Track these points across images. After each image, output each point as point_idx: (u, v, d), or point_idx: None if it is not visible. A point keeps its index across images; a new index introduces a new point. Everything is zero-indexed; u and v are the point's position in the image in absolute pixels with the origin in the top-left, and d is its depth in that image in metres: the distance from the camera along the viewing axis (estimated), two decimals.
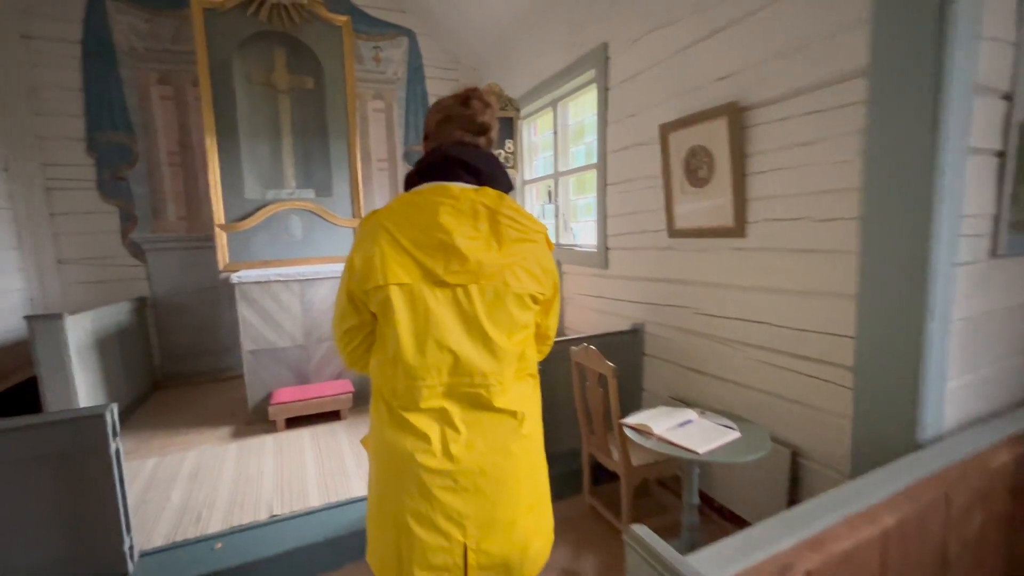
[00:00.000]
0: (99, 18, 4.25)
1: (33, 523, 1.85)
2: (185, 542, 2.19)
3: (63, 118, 4.24)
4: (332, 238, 4.44)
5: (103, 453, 1.92)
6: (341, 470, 2.88)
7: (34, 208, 4.16)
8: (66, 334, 2.98)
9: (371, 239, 1.02)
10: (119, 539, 1.96)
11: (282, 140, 4.44)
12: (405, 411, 1.02)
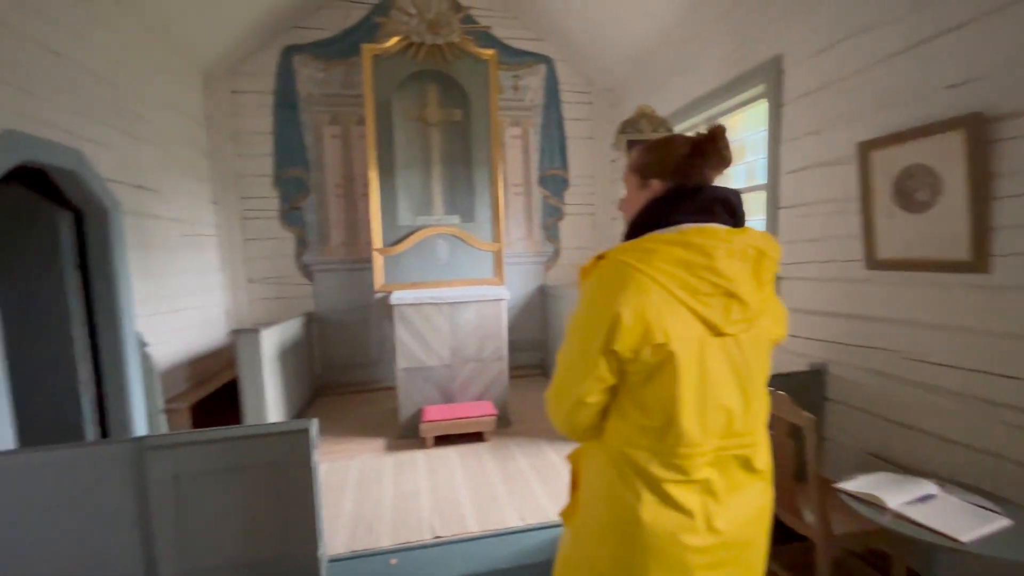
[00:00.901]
0: (287, 72, 4.92)
1: (244, 524, 2.08)
2: (364, 553, 2.33)
3: (257, 158, 4.94)
4: (474, 261, 4.61)
5: (305, 464, 2.11)
6: (492, 495, 2.90)
7: (233, 235, 4.89)
8: (261, 346, 3.41)
9: (635, 289, 0.88)
10: (314, 545, 2.13)
11: (432, 170, 4.74)
12: (670, 485, 0.91)
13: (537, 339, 5.64)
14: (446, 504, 2.83)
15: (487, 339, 3.99)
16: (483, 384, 4.01)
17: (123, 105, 3.32)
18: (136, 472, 1.97)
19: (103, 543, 1.98)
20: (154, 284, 3.57)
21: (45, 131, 2.58)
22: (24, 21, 2.47)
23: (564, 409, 0.99)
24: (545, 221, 5.66)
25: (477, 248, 4.62)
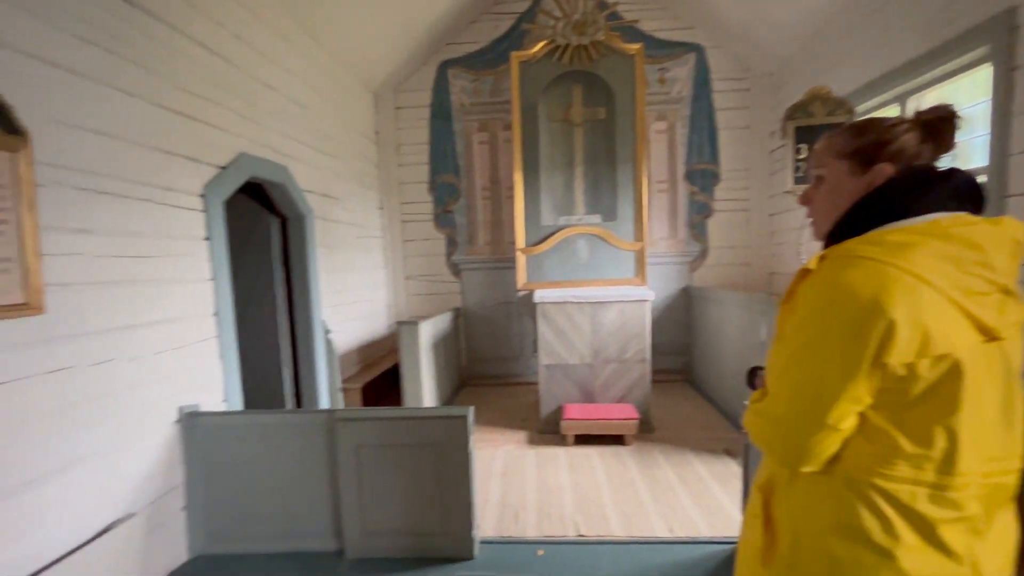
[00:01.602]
0: (442, 85, 5.34)
1: (409, 496, 2.29)
2: (512, 540, 2.42)
3: (415, 167, 5.44)
4: (615, 261, 4.53)
5: (463, 448, 2.26)
6: (636, 501, 2.82)
7: (395, 237, 5.45)
8: (420, 337, 3.75)
9: (902, 291, 0.73)
10: (469, 526, 2.27)
11: (574, 170, 4.77)
12: (942, 524, 0.76)
13: (680, 343, 5.35)
14: (589, 503, 2.81)
15: (630, 340, 3.89)
16: (625, 386, 3.92)
17: (315, 126, 3.90)
18: (329, 439, 2.30)
19: (302, 494, 2.34)
20: (335, 279, 4.14)
21: (263, 152, 3.14)
22: (251, 62, 3.03)
23: (801, 437, 0.81)
24: (691, 219, 5.34)
25: (618, 248, 4.53)
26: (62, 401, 1.79)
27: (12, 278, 1.63)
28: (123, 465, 2.02)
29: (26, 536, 1.65)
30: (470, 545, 2.27)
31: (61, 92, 1.83)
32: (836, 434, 0.80)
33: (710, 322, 4.63)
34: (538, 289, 4.38)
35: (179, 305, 2.37)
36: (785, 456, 0.85)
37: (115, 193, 2.06)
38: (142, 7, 2.20)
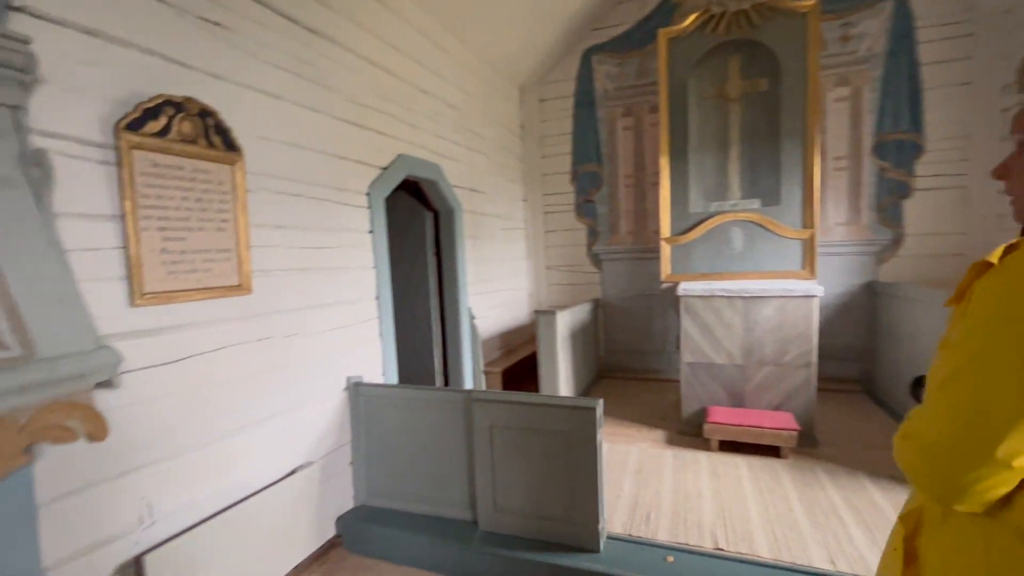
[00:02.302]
0: (586, 73, 5.27)
1: (537, 480, 2.34)
2: (641, 540, 2.34)
3: (557, 157, 5.49)
4: (777, 251, 4.02)
5: (591, 440, 2.24)
6: (791, 523, 2.49)
7: (537, 228, 5.58)
8: (557, 326, 3.79)
9: None
10: (595, 518, 2.25)
11: (728, 150, 4.33)
12: None
13: (859, 347, 4.55)
14: (732, 516, 2.58)
15: (791, 341, 3.43)
16: (782, 392, 3.48)
17: (465, 125, 4.16)
18: (466, 417, 2.46)
19: (443, 465, 2.54)
20: (481, 268, 4.39)
21: (419, 152, 3.45)
22: (409, 70, 3.34)
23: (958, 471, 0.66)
24: (880, 200, 4.48)
25: (781, 236, 4.00)
26: (263, 365, 2.21)
27: (231, 265, 2.05)
28: (305, 421, 2.43)
29: (237, 469, 2.09)
30: (596, 538, 2.24)
31: (263, 113, 2.24)
32: (1008, 473, 0.62)
33: (901, 324, 3.85)
34: (683, 281, 4.11)
35: (348, 289, 2.75)
36: (934, 490, 0.69)
37: (301, 194, 2.46)
38: (321, 33, 2.57)
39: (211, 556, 1.89)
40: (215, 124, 1.96)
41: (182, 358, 1.87)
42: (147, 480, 1.74)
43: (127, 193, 1.68)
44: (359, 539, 2.54)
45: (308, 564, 2.39)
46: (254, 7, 2.19)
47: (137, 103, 1.71)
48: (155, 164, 1.77)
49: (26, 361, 1.29)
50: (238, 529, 2.01)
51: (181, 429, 1.86)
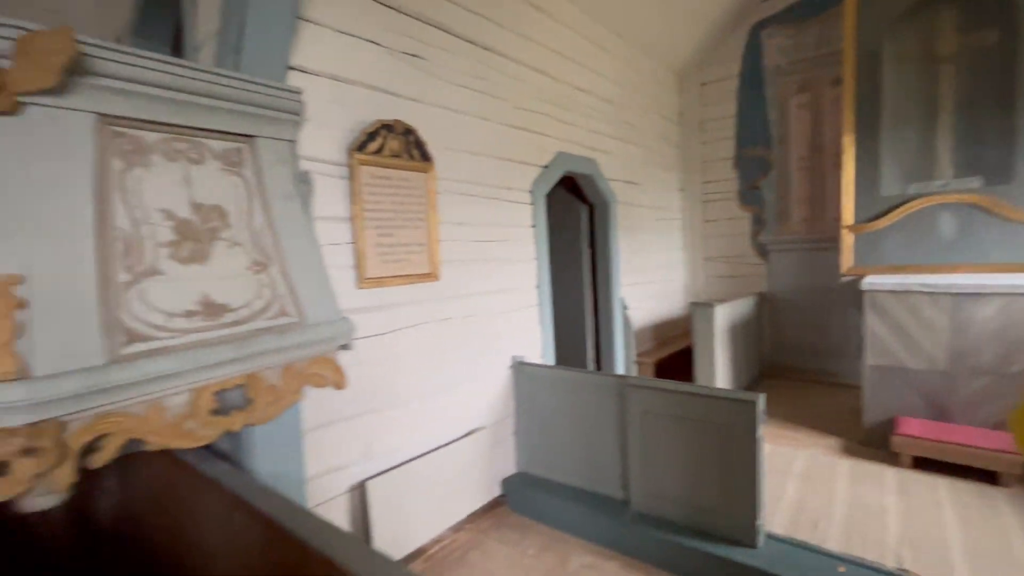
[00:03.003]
0: (754, 49, 4.89)
1: (690, 468, 2.36)
2: (806, 544, 2.22)
3: (719, 143, 5.21)
4: (1005, 239, 3.32)
5: (750, 434, 2.20)
6: (1009, 560, 2.13)
7: (694, 217, 5.38)
8: (714, 319, 3.68)
9: None
10: (753, 513, 2.21)
11: (936, 121, 3.68)
12: None
13: None
14: (925, 540, 2.28)
15: (1020, 349, 2.84)
16: (1005, 409, 2.90)
17: (621, 118, 4.22)
18: (620, 402, 2.59)
19: (596, 443, 2.71)
20: (634, 259, 4.43)
21: (576, 149, 3.63)
22: (567, 72, 3.53)
23: None
24: None
25: (1014, 221, 3.29)
26: (447, 341, 2.62)
27: (424, 256, 2.47)
28: (477, 391, 2.81)
29: (425, 427, 2.52)
30: (752, 534, 2.20)
31: (448, 126, 2.63)
32: None
33: None
34: (870, 275, 3.63)
35: (513, 278, 3.06)
36: None
37: (476, 195, 2.81)
38: (493, 49, 2.89)
39: (411, 491, 2.34)
40: (415, 140, 2.38)
41: (390, 331, 2.34)
42: (368, 424, 2.23)
43: (356, 200, 2.16)
44: (521, 500, 2.85)
45: (480, 514, 2.77)
46: (442, 36, 2.58)
47: (362, 129, 2.18)
48: (373, 176, 2.23)
49: (301, 326, 1.78)
50: (428, 474, 2.44)
51: (389, 387, 2.33)
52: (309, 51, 2.02)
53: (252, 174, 1.81)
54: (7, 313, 1.17)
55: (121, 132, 1.49)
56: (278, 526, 1.44)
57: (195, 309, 1.54)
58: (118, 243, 1.42)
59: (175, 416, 1.46)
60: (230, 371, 1.56)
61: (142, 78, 1.45)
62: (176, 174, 1.60)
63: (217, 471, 1.77)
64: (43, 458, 1.18)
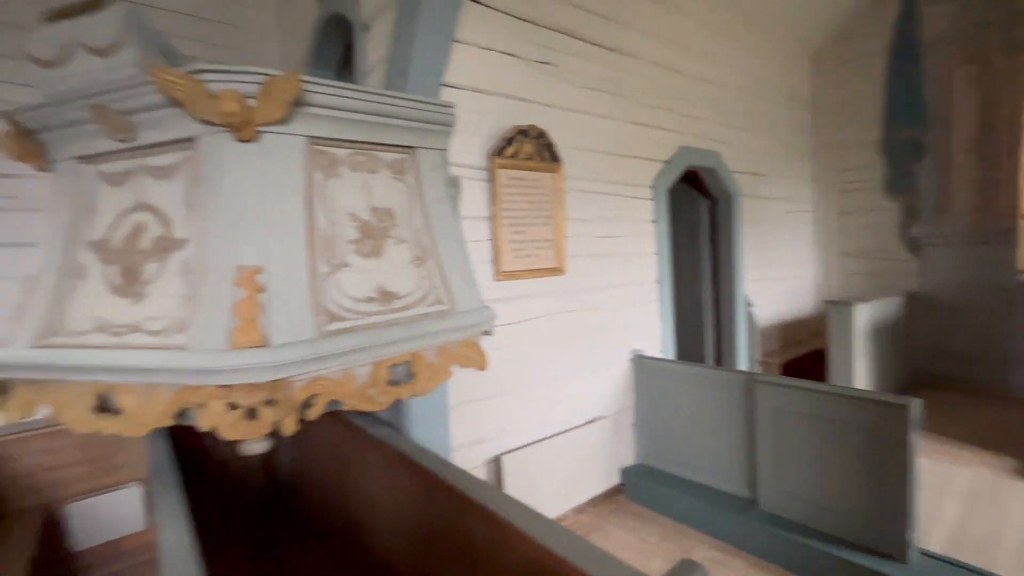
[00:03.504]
0: (907, 19, 4.37)
1: (831, 471, 2.25)
2: (971, 567, 2.02)
3: (860, 127, 4.73)
4: None
5: (901, 441, 2.05)
6: None
7: (829, 210, 4.96)
8: (853, 319, 3.40)
9: None
10: (903, 527, 2.06)
11: None
12: None
13: None
14: None
15: None
16: None
17: (747, 108, 4.04)
18: (747, 399, 2.54)
19: (719, 439, 2.69)
20: (759, 255, 4.22)
21: (699, 143, 3.56)
22: (692, 64, 3.47)
23: None
24: None
25: None
26: (571, 331, 2.76)
27: (551, 252, 2.63)
28: (598, 381, 2.91)
29: (550, 412, 2.68)
30: (902, 547, 2.05)
31: (575, 127, 2.75)
32: None
33: None
34: None
35: (634, 273, 3.11)
36: None
37: (599, 192, 2.91)
38: (619, 50, 2.96)
39: (539, 469, 2.52)
40: (546, 143, 2.55)
41: (521, 320, 2.53)
42: (501, 404, 2.45)
43: (495, 200, 2.38)
44: (640, 491, 2.91)
45: (599, 500, 2.88)
46: (571, 42, 2.71)
47: (500, 135, 2.39)
48: (510, 178, 2.44)
49: (452, 312, 2.02)
50: (554, 456, 2.61)
51: (521, 372, 2.53)
52: (457, 68, 2.27)
53: (413, 180, 2.08)
54: (254, 295, 1.52)
55: (321, 150, 1.82)
56: (441, 480, 1.68)
57: (373, 296, 1.84)
58: (320, 241, 1.75)
59: (361, 384, 1.76)
60: (400, 349, 1.84)
61: (338, 104, 1.76)
62: (358, 182, 1.91)
63: (383, 434, 2.08)
64: (279, 409, 1.52)
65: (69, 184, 1.76)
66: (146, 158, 1.69)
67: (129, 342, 1.57)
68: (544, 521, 1.35)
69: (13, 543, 2.22)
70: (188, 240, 1.62)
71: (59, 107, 1.62)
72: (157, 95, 1.49)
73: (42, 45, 1.63)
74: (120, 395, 1.58)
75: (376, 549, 2.20)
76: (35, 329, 1.65)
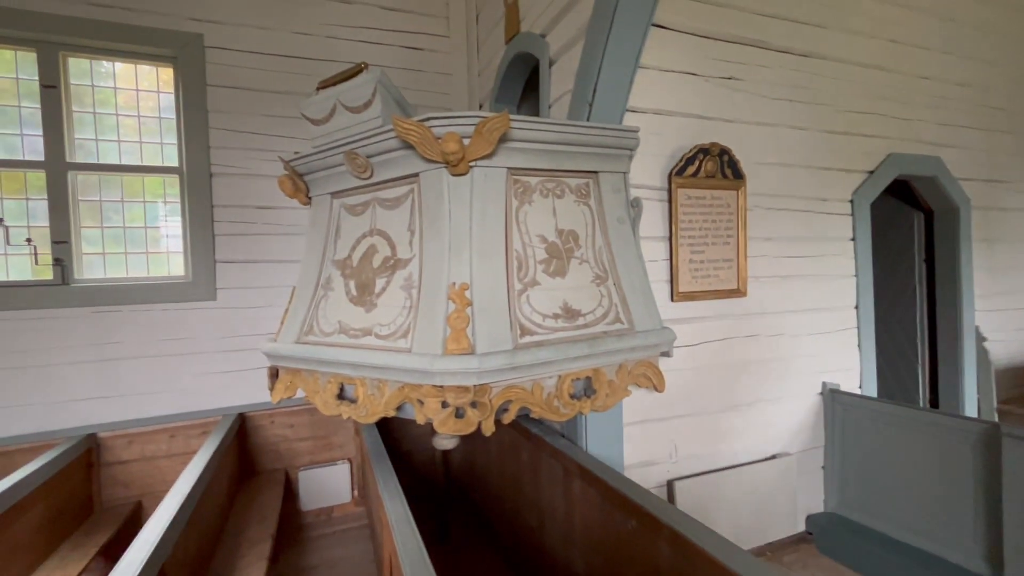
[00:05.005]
0: None
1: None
2: None
3: None
4: None
5: None
6: None
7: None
8: None
9: None
10: None
11: None
12: None
13: None
14: None
15: None
16: None
17: (981, 101, 3.36)
18: (986, 453, 2.10)
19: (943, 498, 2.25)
20: (996, 279, 3.45)
21: (913, 148, 3.07)
22: (904, 59, 3.02)
23: None
24: None
25: None
26: (751, 357, 2.58)
27: (732, 272, 2.51)
28: (781, 414, 2.66)
29: (726, 441, 2.53)
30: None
31: (760, 142, 2.60)
32: None
33: None
34: None
35: (826, 297, 2.79)
36: None
37: (786, 208, 2.69)
38: (813, 54, 2.71)
39: (712, 501, 2.40)
40: (728, 159, 2.45)
41: (698, 343, 2.45)
42: (675, 427, 2.39)
43: (673, 220, 2.36)
44: (831, 543, 2.57)
45: (781, 545, 2.62)
46: (758, 53, 2.57)
47: (681, 154, 2.37)
48: (689, 197, 2.39)
49: (631, 332, 2.05)
50: (729, 489, 2.45)
51: (695, 396, 2.44)
52: (638, 92, 2.31)
53: (595, 203, 2.18)
54: (463, 308, 1.74)
55: (517, 179, 2.02)
56: (624, 497, 1.71)
57: (559, 312, 1.96)
58: (515, 261, 1.93)
59: (547, 395, 1.88)
60: (583, 364, 1.92)
61: (535, 137, 1.93)
62: (547, 207, 2.07)
63: (561, 444, 2.18)
64: (482, 410, 1.71)
65: (322, 214, 2.21)
66: (379, 192, 2.06)
67: (363, 343, 1.90)
68: (742, 554, 1.29)
69: (266, 497, 2.81)
70: (410, 260, 1.93)
71: (322, 154, 2.04)
72: (394, 140, 1.81)
73: (314, 107, 2.09)
74: (356, 387, 1.91)
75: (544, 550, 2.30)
76: (297, 328, 2.09)
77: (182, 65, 2.87)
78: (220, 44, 2.92)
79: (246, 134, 2.97)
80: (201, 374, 2.89)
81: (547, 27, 2.41)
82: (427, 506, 3.00)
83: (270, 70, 3.02)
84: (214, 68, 2.91)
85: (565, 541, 2.16)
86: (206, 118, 2.89)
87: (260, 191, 2.98)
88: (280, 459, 3.18)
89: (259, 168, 2.98)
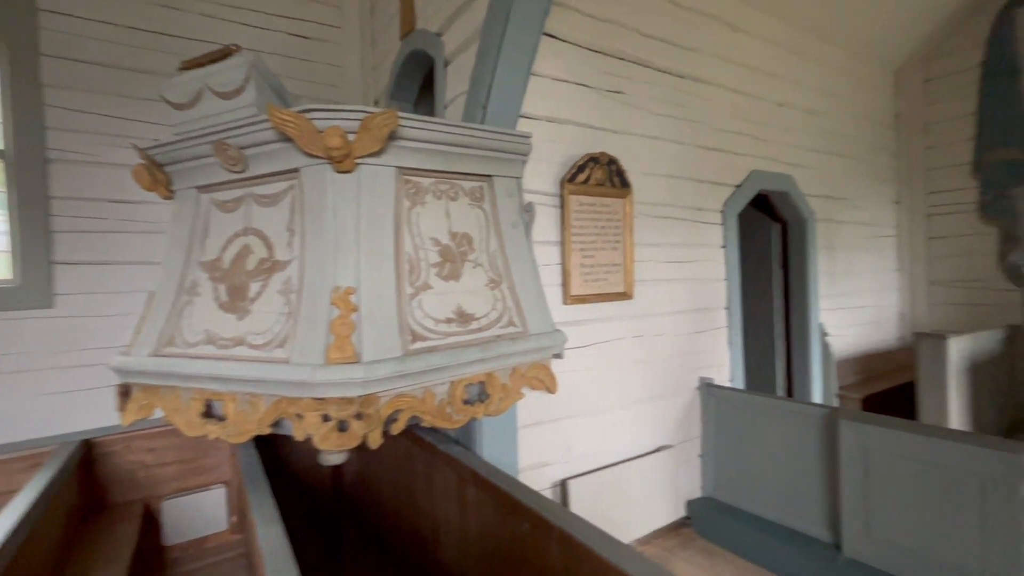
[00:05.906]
0: (1005, 34, 4.10)
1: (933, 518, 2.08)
2: None
3: (951, 147, 4.43)
4: None
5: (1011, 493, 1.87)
6: None
7: (915, 234, 4.64)
8: (948, 354, 3.15)
9: None
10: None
11: None
12: None
13: None
14: None
15: None
16: None
17: (824, 128, 3.90)
18: (829, 435, 2.41)
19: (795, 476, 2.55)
20: (836, 282, 4.01)
21: (770, 166, 3.47)
22: (765, 88, 3.41)
23: None
24: None
25: None
26: (637, 357, 2.73)
27: (620, 276, 2.64)
28: (663, 410, 2.85)
29: (615, 438, 2.65)
30: None
31: (646, 153, 2.77)
32: None
33: None
34: None
35: (702, 299, 3.05)
36: None
37: (668, 216, 2.90)
38: (688, 75, 2.96)
39: (603, 496, 2.49)
40: (616, 169, 2.58)
41: (588, 344, 2.54)
42: (567, 428, 2.45)
43: (565, 226, 2.42)
44: (708, 525, 2.80)
45: (664, 532, 2.79)
46: (641, 70, 2.75)
47: (572, 162, 2.45)
48: (580, 204, 2.48)
49: (524, 335, 2.07)
50: (619, 483, 2.57)
51: (586, 396, 2.53)
52: (531, 99, 2.35)
53: (489, 206, 2.17)
54: (348, 314, 1.64)
55: (408, 179, 1.94)
56: (516, 501, 1.71)
57: (452, 317, 1.92)
58: (406, 264, 1.86)
59: (440, 402, 1.83)
60: (477, 369, 1.90)
61: (426, 137, 1.88)
62: (440, 209, 2.02)
63: (455, 451, 2.14)
64: (368, 422, 1.61)
65: (188, 210, 1.96)
66: (254, 187, 1.87)
67: (234, 354, 1.72)
68: (626, 549, 1.34)
69: (119, 534, 2.44)
70: (289, 262, 1.77)
71: (187, 143, 1.82)
72: (270, 131, 1.66)
73: (176, 90, 1.86)
74: (225, 403, 1.72)
75: (439, 562, 2.24)
76: (154, 339, 1.84)
77: (6, 27, 2.41)
78: (59, 8, 2.50)
79: (95, 116, 2.57)
80: (32, 396, 2.44)
81: (442, 26, 2.37)
82: (318, 527, 2.80)
83: (127, 44, 2.64)
84: (52, 36, 2.48)
85: (460, 550, 2.12)
86: (40, 93, 2.45)
87: (112, 182, 2.59)
88: (138, 489, 2.78)
89: (112, 156, 2.59)
